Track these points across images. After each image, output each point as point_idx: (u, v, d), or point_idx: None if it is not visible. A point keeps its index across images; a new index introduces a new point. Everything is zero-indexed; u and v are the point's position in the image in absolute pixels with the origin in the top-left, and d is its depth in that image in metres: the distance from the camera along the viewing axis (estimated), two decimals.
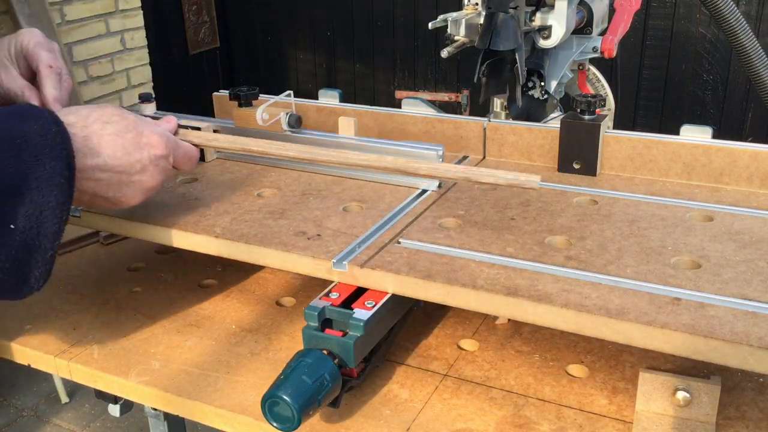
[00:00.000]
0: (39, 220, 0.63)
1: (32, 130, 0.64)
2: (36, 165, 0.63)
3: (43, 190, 0.63)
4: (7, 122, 0.64)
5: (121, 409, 0.93)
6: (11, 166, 0.62)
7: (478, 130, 1.03)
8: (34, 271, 0.65)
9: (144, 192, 0.77)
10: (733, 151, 0.90)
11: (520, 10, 1.05)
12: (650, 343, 0.61)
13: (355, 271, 0.73)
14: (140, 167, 0.75)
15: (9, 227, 0.62)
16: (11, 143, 0.62)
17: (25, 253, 0.64)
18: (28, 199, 0.62)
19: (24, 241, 0.63)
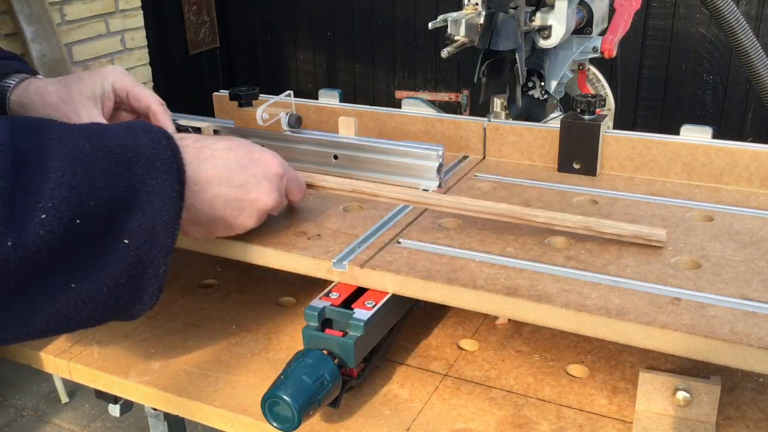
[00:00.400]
0: (152, 235, 0.63)
1: (143, 144, 0.63)
2: (148, 178, 0.62)
3: (155, 203, 0.62)
4: (119, 136, 0.63)
5: (121, 409, 0.93)
6: (123, 180, 0.61)
7: (478, 130, 1.03)
8: (148, 287, 0.64)
9: (259, 212, 0.73)
10: (733, 151, 0.90)
11: (520, 10, 1.05)
12: (650, 343, 0.61)
13: (355, 271, 0.73)
14: (255, 182, 0.72)
15: (123, 242, 0.61)
16: (122, 156, 0.62)
17: (139, 268, 0.63)
18: (140, 213, 0.62)
19: (138, 257, 0.62)
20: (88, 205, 0.58)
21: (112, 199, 0.60)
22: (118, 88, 0.87)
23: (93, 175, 0.59)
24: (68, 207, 0.57)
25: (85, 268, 0.60)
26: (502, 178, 0.96)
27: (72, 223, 0.57)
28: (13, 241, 0.54)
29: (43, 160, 0.58)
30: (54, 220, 0.56)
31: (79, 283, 0.60)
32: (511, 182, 0.95)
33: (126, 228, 0.61)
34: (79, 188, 0.58)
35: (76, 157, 0.59)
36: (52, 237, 0.56)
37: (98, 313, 0.62)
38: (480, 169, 1.00)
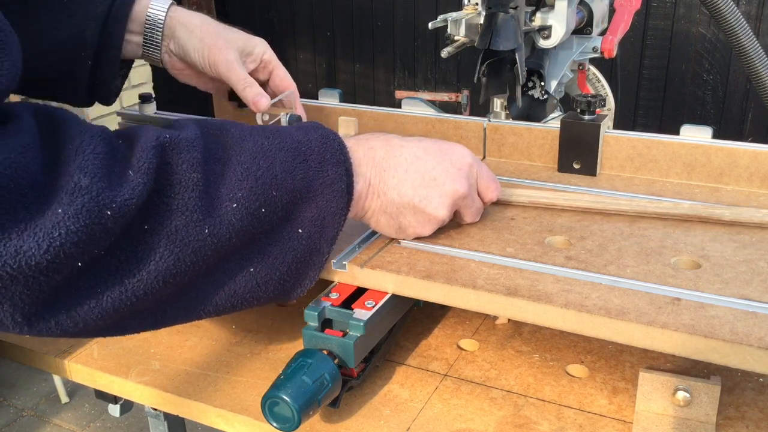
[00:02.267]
0: (322, 225, 0.67)
1: (314, 140, 0.67)
2: (320, 171, 0.66)
3: (327, 195, 0.66)
4: (293, 133, 0.67)
5: (121, 409, 0.93)
6: (300, 172, 0.65)
7: (478, 130, 1.03)
8: (310, 273, 0.68)
9: (449, 199, 0.72)
10: (733, 151, 0.90)
11: (520, 10, 1.05)
12: (650, 343, 0.61)
13: (355, 271, 0.73)
14: (443, 169, 0.72)
15: (298, 231, 0.65)
16: (297, 151, 0.66)
17: (308, 256, 0.67)
18: (314, 204, 0.66)
19: (309, 245, 0.66)
20: (271, 195, 0.62)
21: (291, 190, 0.64)
22: (267, 60, 0.94)
23: (274, 167, 0.63)
24: (255, 196, 0.61)
25: (265, 254, 0.64)
26: (502, 178, 0.96)
27: (258, 212, 0.61)
28: (209, 229, 0.58)
29: (230, 155, 0.62)
30: (243, 209, 0.60)
31: (258, 267, 0.64)
32: (511, 182, 0.95)
33: (301, 217, 0.65)
34: (264, 179, 0.62)
35: (258, 151, 0.63)
36: (242, 225, 0.60)
37: (267, 294, 0.66)
38: None
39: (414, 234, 0.75)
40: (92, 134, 0.55)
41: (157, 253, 0.57)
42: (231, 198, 0.60)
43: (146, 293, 0.57)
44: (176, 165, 0.58)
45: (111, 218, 0.53)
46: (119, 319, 0.58)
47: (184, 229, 0.57)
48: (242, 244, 0.62)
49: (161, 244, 0.57)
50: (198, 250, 0.58)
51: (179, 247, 0.57)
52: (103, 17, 0.87)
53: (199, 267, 0.60)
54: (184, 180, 0.58)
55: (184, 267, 0.58)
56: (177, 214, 0.57)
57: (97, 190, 0.52)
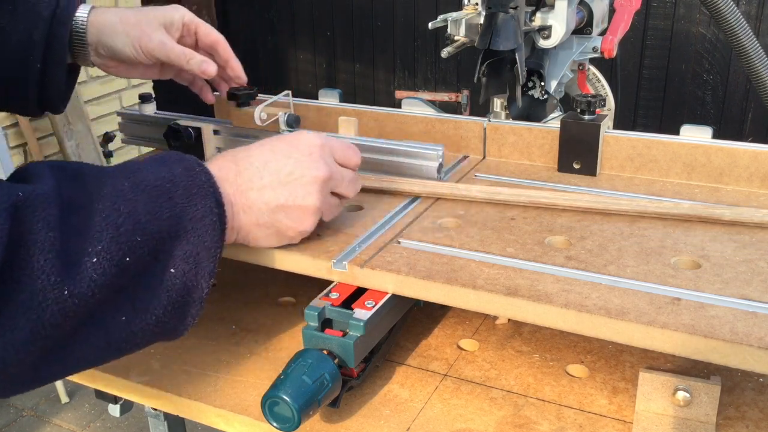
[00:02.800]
0: (196, 261, 0.63)
1: (178, 174, 0.64)
2: (188, 206, 0.63)
3: (198, 230, 0.64)
4: (155, 169, 0.64)
5: (121, 409, 0.93)
6: (166, 211, 0.62)
7: (478, 130, 1.03)
8: (192, 310, 0.65)
9: (315, 185, 0.72)
10: (733, 151, 0.90)
11: (520, 10, 1.05)
12: (650, 343, 0.61)
13: (355, 271, 0.73)
14: (295, 161, 0.72)
15: (170, 272, 0.62)
16: (161, 189, 0.63)
17: (185, 294, 0.64)
18: (185, 241, 0.63)
19: (184, 284, 0.63)
20: (135, 241, 0.59)
21: (157, 231, 0.61)
22: (188, 22, 0.95)
23: (136, 211, 0.60)
24: (117, 246, 0.58)
25: (135, 301, 0.61)
26: (502, 178, 0.96)
27: (122, 262, 0.58)
28: (69, 290, 0.55)
29: (88, 203, 0.59)
30: (105, 261, 0.57)
31: (130, 316, 0.61)
32: (511, 182, 0.95)
33: (172, 257, 0.62)
34: (125, 226, 0.59)
35: (117, 196, 0.60)
36: (105, 278, 0.57)
37: (146, 339, 0.63)
38: (480, 169, 1.00)
39: (297, 233, 0.74)
40: None
41: (12, 321, 0.53)
42: (90, 252, 0.57)
43: (9, 361, 0.55)
44: (30, 224, 0.54)
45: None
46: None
47: (40, 293, 0.54)
48: (108, 297, 0.59)
49: (18, 312, 0.53)
50: (58, 312, 0.55)
51: (36, 312, 0.54)
52: (49, 19, 0.87)
53: (62, 328, 0.56)
54: (39, 241, 0.54)
55: (44, 332, 0.55)
56: (31, 279, 0.54)
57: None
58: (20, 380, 0.58)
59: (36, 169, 0.60)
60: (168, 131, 1.05)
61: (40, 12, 0.87)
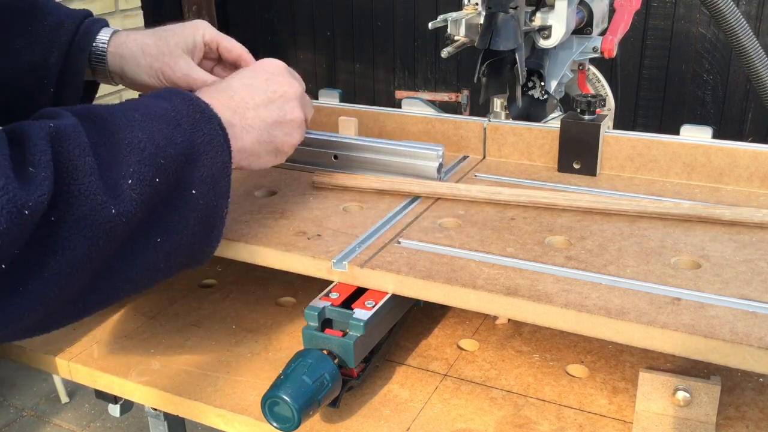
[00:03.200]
0: (213, 181, 0.68)
1: (178, 104, 0.68)
2: (195, 132, 0.67)
3: (209, 152, 0.68)
4: (156, 103, 0.68)
5: (121, 409, 0.93)
6: (178, 135, 0.66)
7: (478, 130, 1.03)
8: (215, 230, 0.70)
9: (295, 99, 0.79)
10: (733, 151, 0.90)
11: (520, 10, 1.05)
12: (650, 343, 0.61)
13: (355, 271, 0.73)
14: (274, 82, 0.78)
15: (192, 193, 0.66)
16: (168, 117, 0.67)
17: (207, 214, 0.68)
18: (200, 163, 0.67)
19: (206, 204, 0.68)
20: (159, 163, 0.63)
21: (175, 155, 0.65)
22: (209, 41, 0.95)
23: (153, 137, 0.64)
24: (146, 167, 0.62)
25: (167, 221, 0.65)
26: (502, 178, 0.96)
27: (153, 182, 0.62)
28: (116, 209, 0.59)
29: (108, 133, 0.62)
30: (139, 182, 0.61)
31: (164, 236, 0.65)
32: (511, 182, 0.95)
33: (192, 179, 0.66)
34: (148, 150, 0.63)
35: (132, 125, 0.64)
36: (142, 197, 0.61)
37: (179, 261, 0.68)
38: (480, 169, 1.00)
39: (291, 146, 0.80)
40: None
41: (70, 241, 0.57)
42: (125, 175, 0.61)
43: (67, 282, 0.58)
44: (68, 152, 0.58)
45: (28, 218, 0.53)
46: (45, 314, 0.59)
47: (91, 214, 0.57)
48: (145, 217, 0.63)
49: (72, 232, 0.57)
50: (109, 231, 0.59)
51: (90, 231, 0.58)
52: (66, 46, 0.88)
53: (111, 248, 0.60)
54: (80, 165, 0.58)
55: (97, 250, 0.59)
56: (82, 200, 0.57)
57: (13, 190, 0.52)
58: (70, 307, 0.62)
59: (52, 111, 0.63)
60: None
61: (59, 37, 0.88)
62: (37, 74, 0.87)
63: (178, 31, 0.93)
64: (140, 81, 0.92)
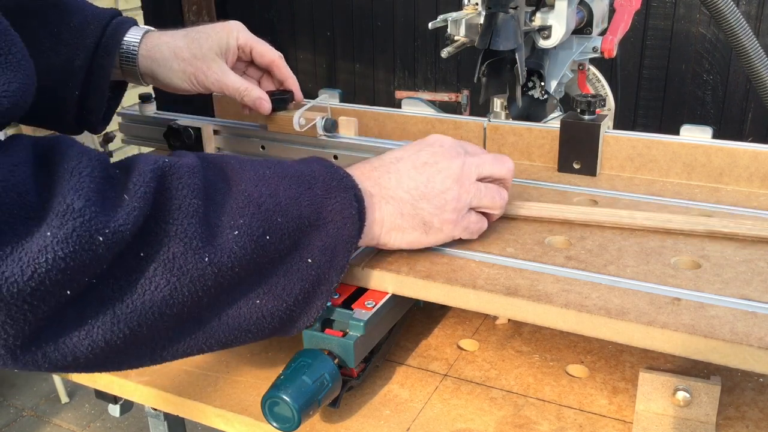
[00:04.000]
0: (332, 254, 0.64)
1: (317, 169, 0.66)
2: (327, 198, 0.64)
3: (337, 222, 0.64)
4: (295, 164, 0.66)
5: (121, 409, 0.93)
6: (306, 199, 0.63)
7: (478, 130, 1.03)
8: (317, 303, 0.65)
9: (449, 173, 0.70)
10: (733, 151, 0.90)
11: (520, 10, 1.05)
12: (650, 343, 0.61)
13: (355, 271, 0.73)
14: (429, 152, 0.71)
15: (307, 261, 0.62)
16: (302, 179, 0.64)
17: (316, 286, 0.64)
18: (324, 232, 0.63)
19: (318, 275, 0.63)
20: (275, 221, 0.60)
21: (298, 216, 0.61)
22: (243, 44, 0.92)
23: (278, 194, 0.61)
24: (258, 223, 0.59)
25: (271, 284, 0.61)
26: None
27: (262, 239, 0.59)
28: (210, 257, 0.55)
29: (230, 184, 0.60)
30: (245, 236, 0.58)
31: (264, 298, 0.61)
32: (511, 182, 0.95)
33: (310, 246, 0.63)
34: (267, 205, 0.60)
35: (259, 180, 0.61)
36: (245, 253, 0.58)
37: (272, 326, 0.63)
38: None
39: (445, 224, 0.71)
40: (90, 157, 0.53)
41: (153, 281, 0.54)
42: (232, 225, 0.57)
43: (140, 324, 0.54)
44: (175, 190, 0.55)
45: (102, 244, 0.50)
46: (112, 352, 0.55)
47: (182, 256, 0.54)
48: (246, 274, 0.59)
49: (158, 272, 0.54)
50: (197, 279, 0.55)
51: (176, 276, 0.54)
52: (92, 48, 0.86)
53: (199, 297, 0.57)
54: (183, 206, 0.55)
55: (182, 297, 0.55)
56: (175, 241, 0.54)
57: (90, 213, 0.49)
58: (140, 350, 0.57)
59: (181, 152, 0.61)
60: (168, 131, 1.05)
61: (84, 39, 0.86)
62: (62, 76, 0.86)
63: (211, 34, 0.91)
64: (173, 84, 0.91)
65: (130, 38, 0.89)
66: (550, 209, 0.81)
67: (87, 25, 0.87)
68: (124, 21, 0.90)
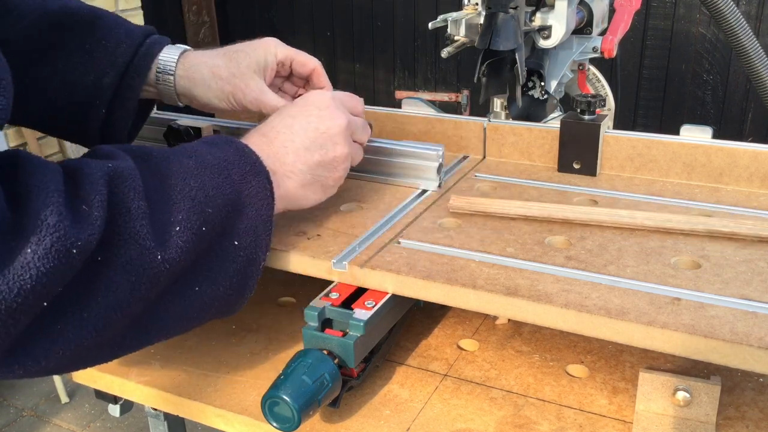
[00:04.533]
0: (256, 234, 0.68)
1: (230, 154, 0.69)
2: (243, 183, 0.67)
3: (255, 205, 0.68)
4: (210, 150, 0.68)
5: (121, 409, 0.93)
6: (228, 186, 0.66)
7: (478, 130, 1.03)
8: (250, 283, 0.69)
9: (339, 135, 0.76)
10: (733, 151, 0.90)
11: (520, 10, 1.05)
12: (650, 343, 0.61)
13: (355, 271, 0.73)
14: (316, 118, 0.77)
15: (234, 244, 0.66)
16: (221, 167, 0.67)
17: (247, 266, 0.68)
18: (245, 215, 0.67)
19: (247, 256, 0.67)
20: (207, 213, 0.63)
21: (222, 205, 0.65)
22: (283, 59, 0.95)
23: (204, 186, 0.64)
24: (195, 216, 0.62)
25: (207, 271, 0.65)
26: (502, 178, 0.96)
27: (200, 231, 0.62)
28: (162, 255, 0.59)
29: (161, 179, 0.63)
30: (187, 230, 0.61)
31: (202, 285, 0.64)
32: (511, 182, 0.95)
33: (236, 230, 0.66)
34: (198, 198, 0.63)
35: (186, 172, 0.64)
36: (188, 246, 0.61)
37: (212, 311, 0.67)
38: (480, 169, 1.00)
39: (338, 181, 0.78)
40: (51, 170, 0.54)
41: (114, 283, 0.56)
42: (173, 222, 0.60)
43: (105, 326, 0.57)
44: (123, 195, 0.58)
45: (76, 256, 0.52)
46: (79, 354, 0.58)
47: (138, 258, 0.57)
48: (188, 266, 0.62)
49: (117, 275, 0.56)
50: (153, 277, 0.58)
51: (135, 276, 0.57)
52: (123, 67, 0.86)
53: (151, 294, 0.59)
54: (132, 209, 0.57)
55: (138, 296, 0.58)
56: (130, 244, 0.57)
57: (64, 228, 0.51)
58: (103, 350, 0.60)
59: (109, 150, 0.63)
60: (168, 131, 1.05)
61: (116, 58, 0.86)
62: (89, 94, 0.86)
63: (249, 52, 0.91)
64: (210, 104, 0.91)
65: (166, 58, 0.89)
66: (550, 209, 0.81)
67: (120, 44, 0.87)
68: (158, 41, 0.90)
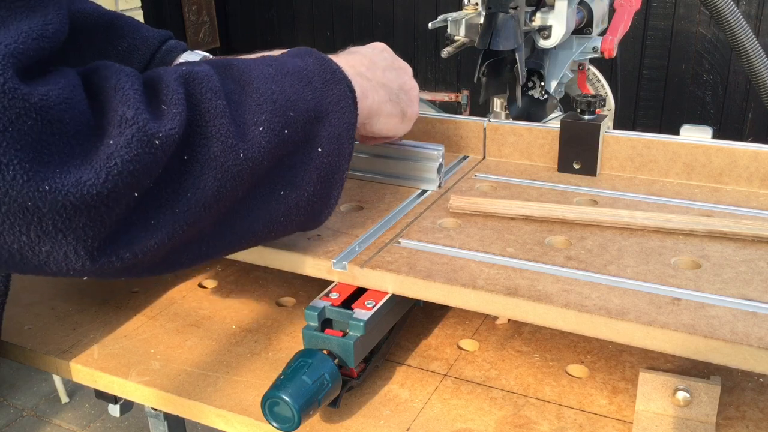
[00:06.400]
0: (339, 142, 0.69)
1: (311, 63, 0.70)
2: (325, 90, 0.68)
3: (337, 112, 0.69)
4: (290, 60, 0.69)
5: (121, 409, 0.93)
6: (309, 92, 0.67)
7: (478, 130, 1.03)
8: (334, 192, 0.71)
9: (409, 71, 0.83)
10: (733, 151, 0.90)
11: (520, 10, 1.05)
12: (650, 343, 0.61)
13: (355, 271, 0.73)
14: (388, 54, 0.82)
15: (317, 151, 0.67)
16: (300, 74, 0.68)
17: (330, 174, 0.69)
18: (327, 122, 0.68)
19: (330, 163, 0.69)
20: (289, 116, 0.64)
21: (305, 110, 0.66)
22: None
23: (285, 91, 0.65)
24: (277, 118, 0.63)
25: (292, 175, 0.66)
26: (502, 178, 0.96)
27: (282, 133, 0.63)
28: (244, 153, 0.60)
29: (241, 84, 0.64)
30: (269, 131, 0.62)
31: (287, 190, 0.66)
32: (511, 182, 0.95)
33: (319, 137, 0.67)
34: (279, 101, 0.64)
35: (267, 78, 0.65)
36: (271, 147, 0.62)
37: (298, 218, 0.69)
38: (480, 169, 1.00)
39: (414, 116, 0.83)
40: (127, 73, 0.56)
41: (201, 180, 0.58)
42: (255, 122, 0.61)
43: (194, 221, 0.59)
44: (201, 95, 0.59)
45: (159, 148, 0.54)
46: (171, 250, 0.59)
47: (221, 155, 0.58)
48: (271, 167, 0.64)
49: (203, 171, 0.58)
50: (236, 174, 0.60)
51: (220, 172, 0.59)
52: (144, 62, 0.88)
53: (237, 192, 0.61)
54: (212, 108, 0.59)
55: (224, 192, 0.60)
56: (213, 141, 0.58)
57: (143, 121, 0.53)
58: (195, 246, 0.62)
59: (188, 63, 0.64)
60: None
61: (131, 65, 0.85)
62: None
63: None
64: None
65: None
66: (550, 209, 0.81)
67: (135, 49, 0.88)
68: (175, 47, 0.91)
